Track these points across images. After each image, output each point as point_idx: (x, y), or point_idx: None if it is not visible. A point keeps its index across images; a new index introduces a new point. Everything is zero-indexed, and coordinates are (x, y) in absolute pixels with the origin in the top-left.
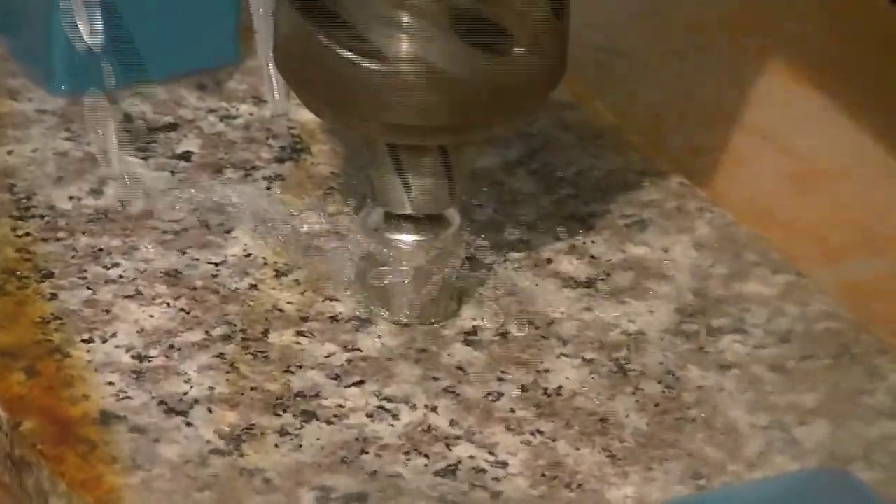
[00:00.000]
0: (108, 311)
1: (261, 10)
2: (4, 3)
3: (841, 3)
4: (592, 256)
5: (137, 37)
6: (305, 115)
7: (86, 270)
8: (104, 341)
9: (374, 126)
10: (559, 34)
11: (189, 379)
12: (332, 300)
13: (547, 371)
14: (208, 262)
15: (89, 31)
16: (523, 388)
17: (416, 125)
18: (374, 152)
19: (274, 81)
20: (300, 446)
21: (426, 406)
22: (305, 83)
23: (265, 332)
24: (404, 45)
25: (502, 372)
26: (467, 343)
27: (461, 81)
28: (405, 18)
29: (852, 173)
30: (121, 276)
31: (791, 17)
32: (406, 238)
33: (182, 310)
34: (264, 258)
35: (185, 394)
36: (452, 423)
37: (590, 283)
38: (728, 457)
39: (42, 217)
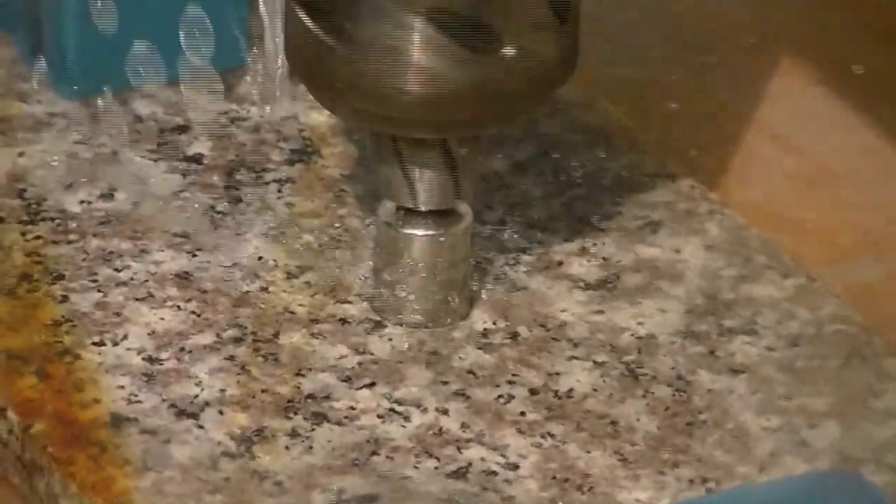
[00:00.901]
0: (118, 314)
1: (270, 11)
2: (15, 5)
3: (852, 3)
4: (603, 258)
5: (148, 39)
6: (316, 118)
7: (96, 273)
8: (115, 344)
9: (380, 119)
10: (561, 37)
11: (200, 381)
12: (343, 302)
13: (558, 374)
14: (219, 265)
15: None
16: (534, 391)
17: (420, 120)
18: (381, 146)
19: (278, 83)
20: (311, 448)
21: (437, 408)
22: (315, 78)
23: (276, 335)
24: (406, 39)
25: (513, 374)
26: (478, 346)
27: (460, 79)
28: (403, 17)
29: (861, 175)
30: (132, 279)
31: (801, 18)
32: (418, 232)
33: (193, 312)
34: (275, 260)
35: (196, 396)
36: (463, 425)
37: (600, 286)
38: (738, 459)
39: (52, 220)
